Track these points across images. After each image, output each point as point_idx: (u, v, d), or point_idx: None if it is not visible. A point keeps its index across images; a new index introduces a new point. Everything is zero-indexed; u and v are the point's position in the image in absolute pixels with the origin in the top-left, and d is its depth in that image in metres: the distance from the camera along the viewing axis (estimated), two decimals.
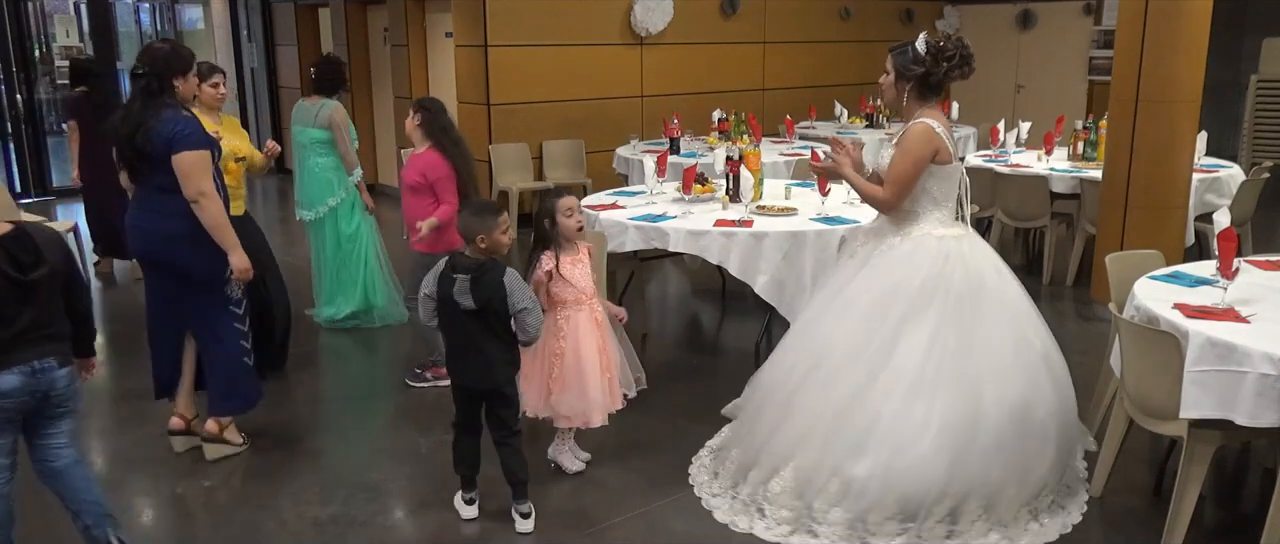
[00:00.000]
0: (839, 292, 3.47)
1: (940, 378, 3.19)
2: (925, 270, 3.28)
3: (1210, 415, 2.97)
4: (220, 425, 4.02)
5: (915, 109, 3.35)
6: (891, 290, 3.29)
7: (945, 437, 3.14)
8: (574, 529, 3.45)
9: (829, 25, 10.71)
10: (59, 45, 11.35)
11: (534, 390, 3.66)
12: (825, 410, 3.27)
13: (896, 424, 3.17)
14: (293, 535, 3.43)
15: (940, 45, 3.26)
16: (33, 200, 10.19)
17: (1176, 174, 5.72)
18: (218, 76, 4.62)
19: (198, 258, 3.74)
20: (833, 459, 3.23)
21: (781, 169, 7.00)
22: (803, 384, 3.37)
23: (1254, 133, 10.12)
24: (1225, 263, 3.34)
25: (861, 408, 3.21)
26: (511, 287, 3.24)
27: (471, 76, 8.46)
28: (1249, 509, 3.62)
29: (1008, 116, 8.91)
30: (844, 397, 3.25)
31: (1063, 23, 11.16)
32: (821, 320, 3.47)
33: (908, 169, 3.27)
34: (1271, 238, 7.44)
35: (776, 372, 3.53)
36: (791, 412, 3.36)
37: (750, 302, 5.18)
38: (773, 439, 3.40)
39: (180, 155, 3.59)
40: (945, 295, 3.25)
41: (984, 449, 3.16)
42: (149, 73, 3.66)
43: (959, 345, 3.22)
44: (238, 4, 12.38)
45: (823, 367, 3.34)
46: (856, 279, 3.41)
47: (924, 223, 3.36)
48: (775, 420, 3.42)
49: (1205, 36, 5.54)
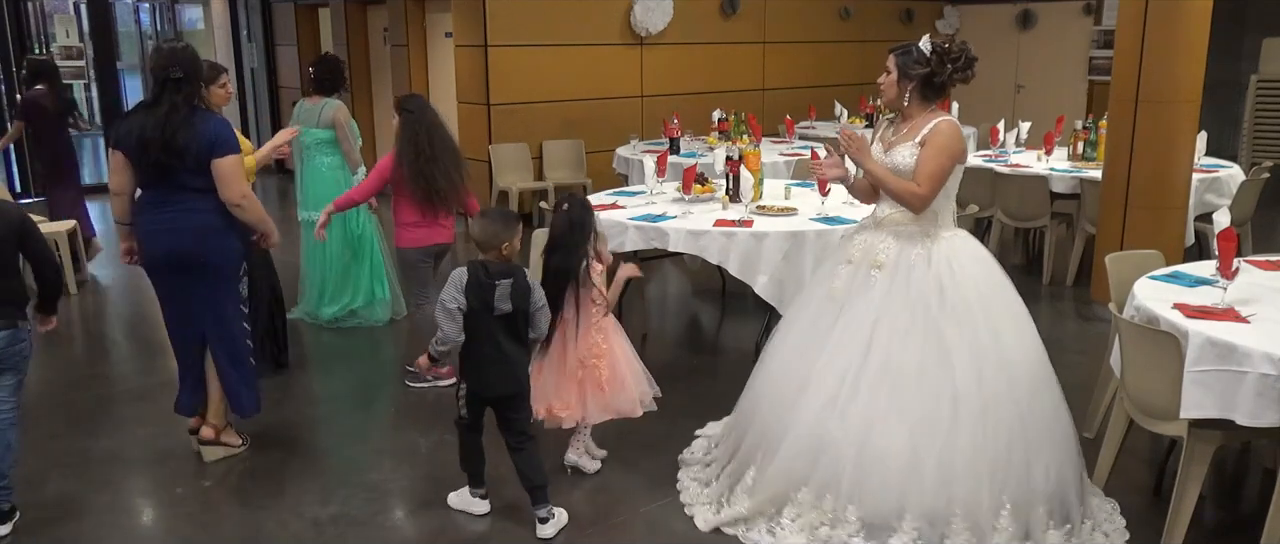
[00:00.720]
0: (858, 304, 3.31)
1: (943, 388, 3.13)
2: (975, 269, 3.27)
3: (1210, 415, 2.97)
4: (217, 429, 4.02)
5: (917, 110, 3.30)
6: (954, 293, 3.22)
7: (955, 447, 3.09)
8: (575, 529, 3.45)
9: (829, 25, 10.71)
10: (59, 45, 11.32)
11: (582, 400, 3.64)
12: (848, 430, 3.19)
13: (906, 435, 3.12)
14: (293, 535, 3.43)
15: (945, 47, 3.23)
16: (33, 200, 10.19)
17: (1176, 174, 5.73)
18: (224, 76, 4.65)
19: (226, 249, 3.79)
20: (838, 479, 3.17)
21: (781, 169, 7.00)
22: (803, 396, 3.28)
23: (1254, 133, 10.12)
24: (1225, 263, 3.34)
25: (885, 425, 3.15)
26: (535, 286, 3.34)
27: (471, 76, 8.46)
28: (1249, 509, 3.62)
29: (1008, 116, 8.92)
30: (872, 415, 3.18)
31: (1063, 23, 11.16)
32: (832, 334, 3.32)
33: (945, 166, 3.21)
34: (1271, 238, 7.44)
35: (779, 379, 3.43)
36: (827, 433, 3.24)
37: (750, 302, 5.18)
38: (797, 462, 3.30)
39: (223, 159, 3.63)
40: (958, 297, 3.22)
41: (968, 462, 3.08)
42: (187, 77, 3.64)
43: (973, 352, 3.16)
44: (238, 4, 12.38)
45: (868, 384, 3.21)
46: (894, 288, 3.26)
47: (942, 224, 3.32)
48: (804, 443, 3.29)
49: (1205, 36, 5.54)
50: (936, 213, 3.30)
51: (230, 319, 3.89)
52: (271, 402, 4.62)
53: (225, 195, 3.66)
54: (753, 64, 10.09)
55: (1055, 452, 3.19)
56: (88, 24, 11.38)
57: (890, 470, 3.10)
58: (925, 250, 3.27)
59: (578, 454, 3.84)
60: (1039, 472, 3.13)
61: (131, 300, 6.44)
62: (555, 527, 3.39)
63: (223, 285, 3.84)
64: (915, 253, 3.27)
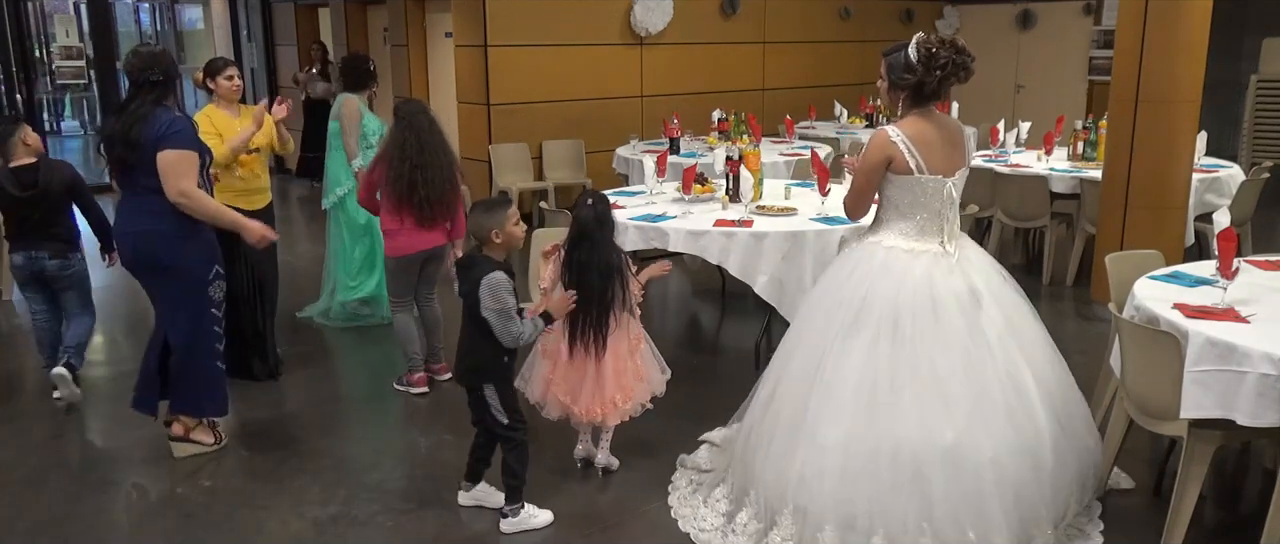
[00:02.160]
0: (807, 304, 3.40)
1: (861, 400, 3.04)
2: (866, 282, 3.14)
3: (1211, 415, 2.97)
4: (186, 426, 4.03)
5: (908, 114, 3.21)
6: (836, 302, 3.18)
7: (851, 461, 3.00)
8: (575, 529, 3.45)
9: (829, 25, 10.71)
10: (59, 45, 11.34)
11: (637, 387, 3.68)
12: (774, 429, 3.20)
13: (815, 445, 3.06)
14: (293, 535, 3.43)
15: (933, 52, 3.05)
16: None
17: (1176, 174, 5.73)
18: (231, 68, 4.72)
19: (186, 256, 3.80)
20: (775, 481, 3.15)
21: (781, 169, 7.00)
22: (771, 399, 3.30)
23: (1254, 133, 10.12)
24: (1225, 263, 3.34)
25: (798, 426, 3.12)
26: (484, 290, 3.22)
27: (471, 76, 8.45)
28: (1249, 509, 3.62)
29: (1008, 116, 8.92)
30: (788, 415, 3.18)
31: (1063, 23, 11.16)
32: (796, 330, 3.38)
33: (857, 176, 3.23)
34: (1271, 238, 7.44)
35: (764, 384, 3.43)
36: (758, 430, 3.29)
37: (750, 302, 5.18)
38: (748, 461, 3.32)
39: (164, 152, 3.64)
40: (882, 311, 3.09)
41: (893, 483, 2.97)
42: (167, 80, 3.73)
43: (889, 367, 3.05)
44: (238, 4, 12.39)
45: (782, 381, 3.26)
46: (815, 289, 3.35)
47: (883, 232, 3.22)
48: (752, 439, 3.33)
49: (1205, 36, 5.54)
50: (880, 222, 3.25)
51: (193, 321, 3.88)
52: (272, 401, 4.63)
53: (165, 190, 3.65)
54: (753, 64, 10.09)
55: (1078, 455, 3.22)
56: (88, 24, 11.41)
57: (918, 486, 2.99)
58: (869, 259, 3.21)
59: (606, 454, 3.84)
60: (1071, 473, 3.17)
61: (131, 300, 6.44)
62: (514, 526, 3.39)
63: (184, 288, 3.84)
64: (857, 261, 3.24)
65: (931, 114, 3.19)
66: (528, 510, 3.43)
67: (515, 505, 3.41)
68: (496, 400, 3.35)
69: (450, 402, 3.76)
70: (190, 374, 3.95)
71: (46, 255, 4.51)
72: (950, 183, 3.17)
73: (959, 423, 2.99)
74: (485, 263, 3.28)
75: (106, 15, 11.16)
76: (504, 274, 3.26)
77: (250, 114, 4.75)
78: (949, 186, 3.17)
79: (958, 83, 3.13)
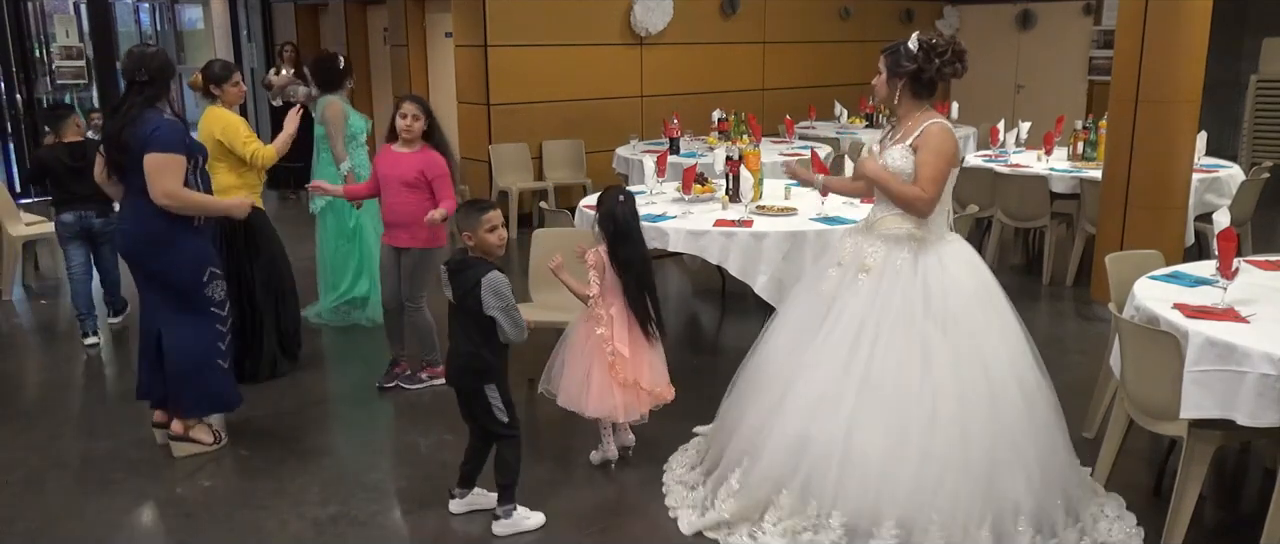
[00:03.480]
0: (844, 308, 3.29)
1: (925, 393, 3.10)
2: (963, 276, 3.24)
3: (1210, 415, 2.97)
4: (185, 425, 4.04)
5: (910, 108, 3.28)
6: (941, 299, 3.19)
7: (930, 459, 3.05)
8: (575, 529, 3.45)
9: (829, 25, 10.71)
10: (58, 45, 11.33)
11: (621, 392, 3.66)
12: (833, 431, 3.17)
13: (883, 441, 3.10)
14: (293, 535, 3.43)
15: (933, 42, 3.20)
16: (33, 200, 10.19)
17: (1176, 174, 5.72)
18: (236, 75, 4.79)
19: (178, 259, 3.82)
20: (816, 480, 3.16)
21: (781, 169, 6.99)
22: (787, 399, 3.27)
23: (1254, 133, 10.12)
24: (1225, 263, 3.34)
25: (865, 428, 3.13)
26: (487, 292, 3.23)
27: (471, 76, 8.46)
28: (1249, 509, 3.62)
29: (1008, 116, 8.91)
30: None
31: (1063, 23, 11.16)
32: (817, 337, 3.32)
33: (944, 168, 3.19)
34: (1271, 238, 7.44)
35: (764, 381, 3.43)
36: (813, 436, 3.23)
37: (750, 302, 5.18)
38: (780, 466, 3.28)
39: (150, 155, 3.67)
40: (967, 304, 3.20)
41: (957, 469, 3.04)
42: (152, 79, 3.77)
43: (956, 359, 3.13)
44: (238, 4, 12.39)
45: (856, 390, 3.19)
46: (877, 287, 3.25)
47: (933, 228, 3.28)
48: (786, 445, 3.29)
49: (1205, 36, 5.54)
50: (931, 219, 3.27)
51: (192, 323, 3.90)
52: (272, 401, 4.63)
53: (150, 193, 3.68)
54: (753, 64, 10.09)
55: (1042, 462, 3.14)
56: (88, 24, 11.38)
57: (870, 475, 3.07)
58: (912, 255, 3.24)
59: (610, 442, 3.87)
60: (1021, 482, 3.08)
61: (132, 302, 6.44)
62: (507, 527, 3.39)
63: (177, 291, 3.86)
64: (902, 257, 3.24)
65: (930, 108, 3.29)
66: (521, 512, 3.43)
67: (508, 506, 3.41)
68: (499, 399, 3.36)
69: (450, 402, 3.76)
70: (193, 375, 3.95)
71: (93, 214, 5.50)
72: None
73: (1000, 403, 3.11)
74: (480, 265, 3.29)
75: (106, 15, 11.14)
76: (501, 273, 3.27)
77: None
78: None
79: (953, 76, 3.24)
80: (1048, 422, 3.22)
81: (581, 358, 3.68)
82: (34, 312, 6.35)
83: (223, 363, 4.01)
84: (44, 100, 10.98)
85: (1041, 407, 3.21)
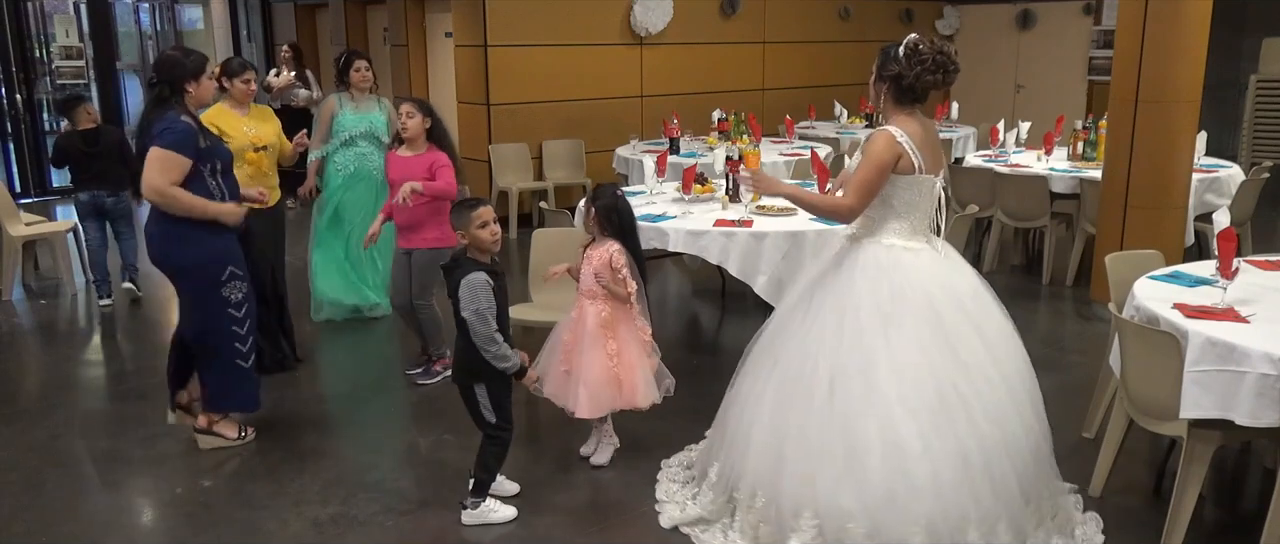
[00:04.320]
0: (794, 305, 3.35)
1: (875, 397, 3.03)
2: (872, 282, 3.13)
3: (1210, 415, 2.97)
4: (210, 420, 4.06)
5: (892, 112, 3.21)
6: (839, 305, 3.15)
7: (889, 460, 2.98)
8: (574, 529, 3.45)
9: (828, 25, 10.71)
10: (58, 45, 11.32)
11: (593, 389, 3.65)
12: (781, 432, 3.16)
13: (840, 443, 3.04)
14: (293, 535, 3.43)
15: (917, 48, 3.09)
16: (32, 200, 10.19)
17: (1176, 174, 5.72)
18: (248, 72, 4.84)
19: (193, 258, 3.84)
20: (787, 483, 3.11)
21: (781, 169, 7.00)
22: (762, 401, 3.26)
23: (1254, 133, 10.12)
24: (1225, 263, 3.34)
25: (809, 429, 3.09)
26: (464, 292, 3.25)
27: (471, 76, 8.46)
28: (1249, 509, 3.62)
29: (1007, 116, 8.91)
30: (792, 416, 3.14)
31: (1063, 23, 11.16)
32: (782, 332, 3.34)
33: (870, 175, 3.09)
34: (1271, 238, 7.44)
35: (744, 384, 3.42)
36: (752, 431, 3.25)
37: (750, 302, 5.18)
38: (738, 461, 3.29)
39: (152, 150, 3.70)
40: (894, 308, 3.08)
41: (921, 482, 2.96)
42: (160, 81, 3.84)
43: (919, 360, 3.04)
44: (238, 4, 12.39)
45: (781, 384, 3.21)
46: (814, 292, 3.28)
47: (881, 233, 3.20)
48: (740, 440, 3.30)
49: (1205, 36, 5.54)
50: (874, 223, 3.20)
51: (209, 321, 3.92)
52: (272, 401, 4.62)
53: (142, 186, 3.72)
54: (752, 64, 10.08)
55: (1024, 470, 3.08)
56: (87, 24, 11.39)
57: (843, 476, 3.00)
58: (875, 259, 3.16)
59: (602, 446, 3.88)
60: (1006, 486, 3.02)
61: (132, 306, 6.44)
62: (474, 518, 3.44)
63: (196, 289, 3.89)
64: (862, 263, 3.18)
65: (917, 114, 3.20)
66: (489, 504, 3.46)
67: (477, 498, 3.45)
68: (487, 399, 3.37)
69: (450, 402, 3.77)
70: (211, 372, 4.00)
71: (105, 193, 6.16)
72: (939, 182, 3.23)
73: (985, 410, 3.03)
74: (468, 264, 3.31)
75: (106, 15, 11.15)
76: (484, 276, 3.26)
77: (260, 114, 4.90)
78: (938, 185, 3.22)
79: (934, 87, 3.14)
80: (1033, 430, 3.15)
81: (571, 356, 3.71)
82: (34, 312, 6.35)
83: (243, 364, 4.02)
84: (44, 100, 10.99)
85: (1018, 415, 3.13)
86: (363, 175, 5.56)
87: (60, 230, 6.85)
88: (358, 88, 5.59)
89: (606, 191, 3.73)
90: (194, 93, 3.88)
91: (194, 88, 3.87)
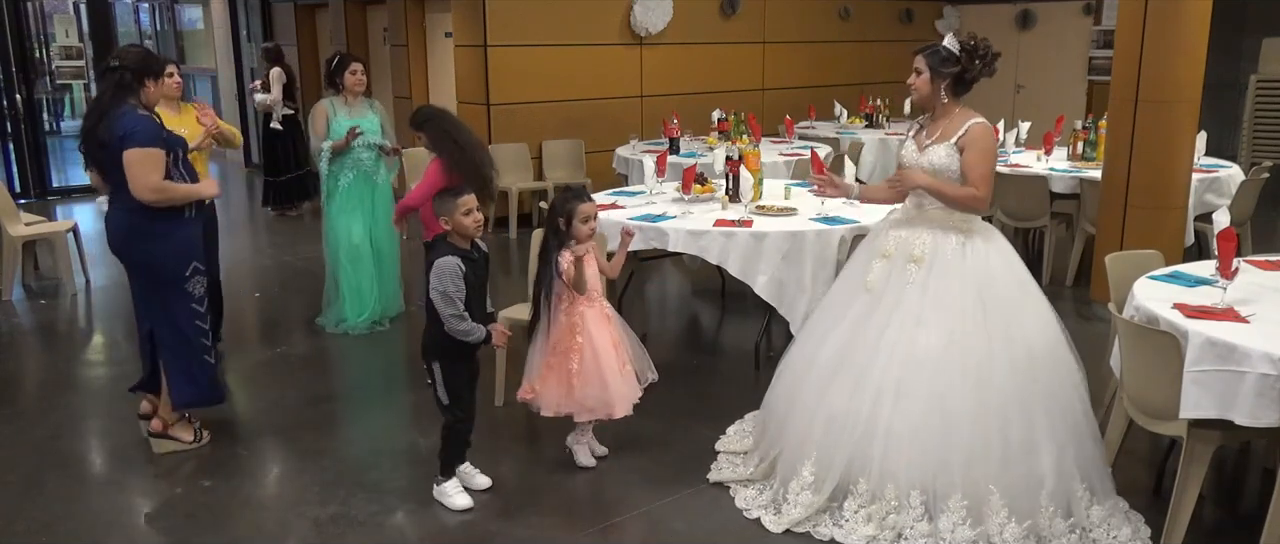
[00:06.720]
0: (898, 299, 3.40)
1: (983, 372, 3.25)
2: (1006, 259, 3.42)
3: (1210, 415, 2.97)
4: (165, 422, 4.06)
5: (953, 107, 3.42)
6: (969, 289, 3.34)
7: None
8: (574, 528, 3.45)
9: (828, 25, 10.71)
10: (58, 45, 11.34)
11: (552, 388, 3.68)
12: (919, 424, 3.27)
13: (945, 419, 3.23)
14: (293, 535, 3.43)
15: (974, 44, 3.36)
16: (32, 200, 10.19)
17: (1176, 174, 5.72)
18: (171, 66, 4.74)
19: (158, 253, 3.84)
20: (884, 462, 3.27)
21: (781, 169, 7.00)
22: (855, 389, 3.35)
23: (1254, 133, 10.12)
24: (1225, 263, 3.34)
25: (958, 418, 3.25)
26: (434, 273, 3.33)
27: (471, 76, 8.46)
28: (1249, 509, 3.62)
29: (1007, 116, 8.89)
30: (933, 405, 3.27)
31: (1062, 23, 11.16)
32: (871, 327, 3.41)
33: (993, 167, 3.42)
34: (1271, 238, 7.44)
35: (817, 373, 3.50)
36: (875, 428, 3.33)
37: (750, 302, 5.18)
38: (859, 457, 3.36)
39: (129, 151, 3.67)
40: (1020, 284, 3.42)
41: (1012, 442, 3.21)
42: (123, 67, 3.77)
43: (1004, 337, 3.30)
44: (238, 4, 12.39)
45: (889, 372, 3.32)
46: (931, 281, 3.37)
47: (975, 219, 3.46)
48: (857, 436, 3.36)
49: (1205, 36, 5.54)
50: (940, 208, 3.44)
51: (172, 316, 3.92)
52: (272, 400, 4.63)
53: (133, 190, 3.68)
54: (752, 64, 10.09)
55: (1070, 444, 3.27)
56: (87, 24, 11.40)
57: (933, 454, 3.20)
58: (960, 244, 3.39)
59: (577, 443, 3.87)
60: (1047, 462, 3.20)
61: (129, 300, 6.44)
62: (437, 494, 3.56)
63: (158, 284, 3.89)
64: (950, 246, 3.39)
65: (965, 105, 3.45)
66: (450, 486, 3.56)
67: (442, 477, 3.57)
68: (440, 377, 3.44)
69: None
70: (182, 364, 4.00)
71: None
72: None
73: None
74: (444, 247, 3.37)
75: (106, 15, 11.16)
76: (455, 260, 3.32)
77: (189, 110, 4.88)
78: None
79: (988, 75, 3.41)
80: (1076, 406, 3.36)
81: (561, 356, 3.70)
82: (34, 312, 6.35)
83: (208, 357, 4.04)
84: (44, 100, 10.98)
85: (1072, 390, 3.37)
86: (361, 179, 5.50)
87: (60, 230, 6.85)
88: (352, 91, 5.39)
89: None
90: (151, 91, 3.86)
91: (153, 86, 3.86)
